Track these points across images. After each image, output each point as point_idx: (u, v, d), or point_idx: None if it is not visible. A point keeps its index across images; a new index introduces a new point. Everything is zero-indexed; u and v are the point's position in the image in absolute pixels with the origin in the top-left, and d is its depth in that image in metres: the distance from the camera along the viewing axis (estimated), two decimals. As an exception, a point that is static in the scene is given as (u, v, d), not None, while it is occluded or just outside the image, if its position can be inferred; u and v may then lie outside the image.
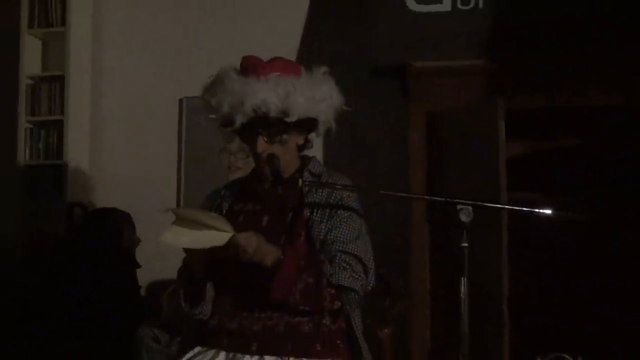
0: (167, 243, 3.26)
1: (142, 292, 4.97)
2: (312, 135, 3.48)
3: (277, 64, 3.41)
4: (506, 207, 4.01)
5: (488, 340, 4.39)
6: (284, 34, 5.24)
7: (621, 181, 4.49)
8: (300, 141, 3.43)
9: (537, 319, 4.59)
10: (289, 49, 5.09)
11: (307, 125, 3.41)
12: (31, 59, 5.68)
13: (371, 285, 3.43)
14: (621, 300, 4.37)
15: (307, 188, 3.47)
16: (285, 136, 3.38)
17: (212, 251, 3.33)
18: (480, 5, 4.79)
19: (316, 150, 3.76)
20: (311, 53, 5.04)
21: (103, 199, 5.53)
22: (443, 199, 3.79)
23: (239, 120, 3.35)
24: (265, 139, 3.36)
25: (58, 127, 5.58)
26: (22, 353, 4.58)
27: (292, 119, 3.32)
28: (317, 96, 3.39)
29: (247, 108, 3.31)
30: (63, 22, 5.59)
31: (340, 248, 3.33)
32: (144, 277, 4.93)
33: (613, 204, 4.42)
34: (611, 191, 4.50)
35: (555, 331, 4.46)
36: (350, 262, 3.34)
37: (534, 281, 4.71)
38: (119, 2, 5.75)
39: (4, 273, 5.27)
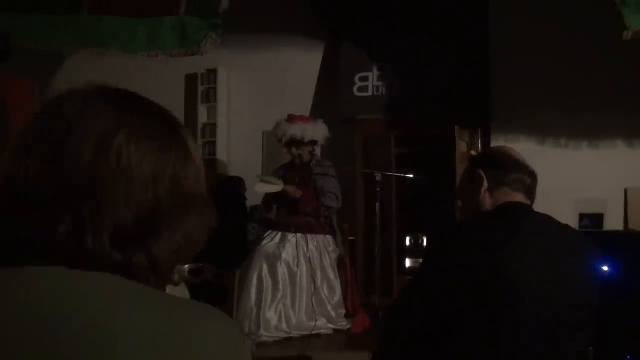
0: (257, 190, 3.44)
1: (248, 210, 5.01)
2: (316, 147, 3.64)
3: (301, 117, 3.57)
4: (394, 174, 4.16)
5: (387, 226, 4.48)
6: (305, 100, 5.11)
7: (438, 166, 4.54)
8: (310, 149, 3.57)
9: (412, 218, 4.60)
10: (307, 107, 5.00)
11: (313, 143, 3.56)
12: (203, 116, 5.62)
13: (339, 206, 3.59)
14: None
15: (313, 166, 3.63)
16: (303, 147, 3.52)
17: (277, 193, 3.49)
18: (383, 93, 4.76)
19: (318, 151, 3.86)
20: (316, 109, 4.93)
21: (232, 172, 5.46)
22: (370, 171, 3.93)
23: (284, 140, 3.50)
24: (295, 148, 3.52)
25: (213, 144, 5.58)
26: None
27: (306, 140, 3.47)
28: (317, 131, 3.54)
29: (287, 135, 3.46)
30: (215, 100, 5.57)
31: (327, 190, 3.47)
32: (249, 203, 4.91)
33: (434, 175, 4.39)
34: (433, 170, 4.49)
35: (417, 220, 4.46)
36: (331, 195, 3.48)
37: (409, 207, 4.71)
38: (235, 89, 5.62)
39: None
